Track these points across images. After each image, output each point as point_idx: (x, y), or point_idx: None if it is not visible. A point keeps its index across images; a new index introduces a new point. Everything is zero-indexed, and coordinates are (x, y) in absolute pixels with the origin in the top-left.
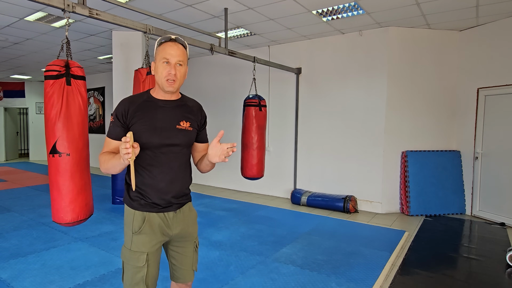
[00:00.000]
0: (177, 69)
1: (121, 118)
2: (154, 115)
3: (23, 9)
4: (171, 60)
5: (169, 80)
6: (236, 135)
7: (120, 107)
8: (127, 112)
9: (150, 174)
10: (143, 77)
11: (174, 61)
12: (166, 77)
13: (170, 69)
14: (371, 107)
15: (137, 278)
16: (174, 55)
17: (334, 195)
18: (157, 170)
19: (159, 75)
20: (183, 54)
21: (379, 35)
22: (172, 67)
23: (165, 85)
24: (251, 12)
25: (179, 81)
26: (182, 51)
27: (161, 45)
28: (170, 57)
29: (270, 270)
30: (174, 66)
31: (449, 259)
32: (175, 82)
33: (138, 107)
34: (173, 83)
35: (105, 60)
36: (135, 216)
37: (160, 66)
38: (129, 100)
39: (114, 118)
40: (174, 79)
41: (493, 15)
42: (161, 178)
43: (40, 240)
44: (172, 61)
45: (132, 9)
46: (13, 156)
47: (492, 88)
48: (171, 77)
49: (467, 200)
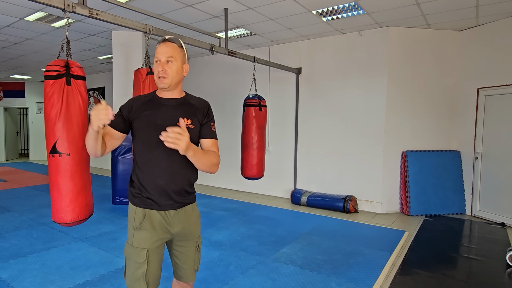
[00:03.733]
0: (167, 66)
1: (125, 112)
2: (156, 113)
3: (23, 9)
4: (161, 58)
5: (160, 77)
6: (236, 135)
7: (127, 103)
8: (131, 107)
9: (150, 171)
10: (143, 77)
11: (163, 59)
12: (157, 74)
13: (159, 67)
14: (371, 107)
15: (137, 274)
16: (163, 53)
17: (334, 195)
18: (157, 167)
19: (155, 74)
20: (172, 50)
21: (379, 35)
22: (161, 64)
23: (158, 83)
24: (251, 12)
25: (170, 77)
26: (171, 48)
27: (157, 48)
28: (160, 55)
29: (270, 270)
30: (163, 63)
31: (449, 259)
32: (166, 78)
33: (142, 105)
34: (164, 80)
35: (105, 60)
36: (136, 212)
37: (154, 65)
38: (136, 98)
39: (118, 110)
40: (165, 76)
41: (493, 15)
42: (160, 175)
43: (40, 240)
44: (162, 59)
45: (132, 9)
46: (13, 156)
47: (492, 88)
48: (161, 74)
49: (467, 200)
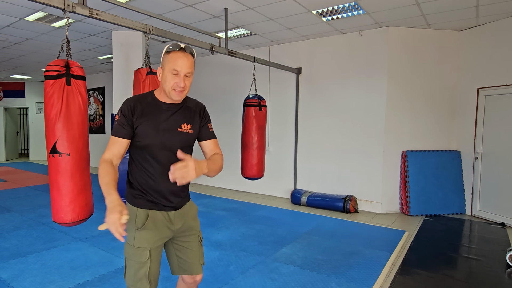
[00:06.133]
0: (186, 80)
1: (128, 116)
2: (159, 118)
3: (23, 9)
4: (181, 72)
5: (176, 90)
6: (236, 135)
7: (126, 106)
8: (133, 111)
9: (152, 176)
10: (143, 77)
11: (183, 73)
12: (174, 87)
13: (179, 81)
14: (371, 107)
15: (140, 274)
16: (183, 67)
17: (334, 195)
18: (158, 172)
19: (167, 84)
20: (192, 65)
21: (379, 35)
22: (181, 79)
23: (173, 95)
24: (251, 12)
25: (186, 90)
26: (191, 62)
27: (171, 54)
28: (180, 69)
29: (270, 270)
30: (183, 78)
31: (449, 259)
32: (183, 92)
33: (143, 108)
34: (181, 93)
35: (105, 60)
36: (137, 213)
37: (169, 76)
38: (134, 99)
39: (120, 116)
40: (183, 90)
41: (493, 15)
42: (162, 180)
43: (40, 240)
44: (182, 73)
45: (132, 9)
46: (13, 156)
47: (492, 88)
48: (179, 88)
49: (467, 200)
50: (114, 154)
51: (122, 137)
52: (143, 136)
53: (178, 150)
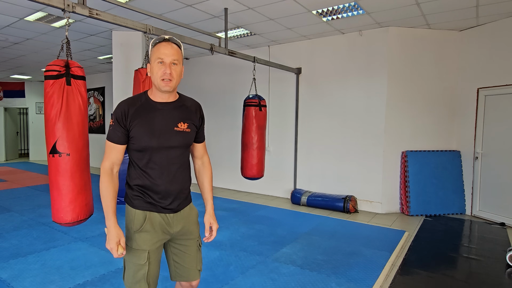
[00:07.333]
0: (172, 68)
1: (121, 121)
2: (153, 118)
3: (23, 9)
4: (166, 59)
5: (165, 80)
6: (236, 135)
7: (119, 110)
8: (126, 115)
9: (149, 177)
10: (143, 77)
11: (168, 60)
12: (161, 76)
13: (165, 69)
14: (371, 107)
15: (138, 276)
16: (168, 54)
17: (334, 195)
18: (157, 173)
19: (155, 76)
20: (177, 53)
21: (379, 35)
22: (167, 66)
23: (161, 85)
24: (251, 12)
25: (175, 80)
26: (176, 50)
27: (155, 46)
28: (165, 56)
29: (270, 270)
30: (169, 65)
31: (449, 259)
32: (171, 81)
33: (136, 110)
34: (169, 82)
35: (105, 60)
36: (136, 215)
37: (155, 66)
38: (127, 102)
39: (114, 121)
40: (170, 78)
41: (493, 15)
42: (160, 181)
43: (40, 240)
44: (167, 61)
45: (132, 9)
46: (13, 156)
47: (492, 88)
48: (166, 76)
49: (467, 200)
50: (113, 161)
51: (117, 143)
52: (139, 139)
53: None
